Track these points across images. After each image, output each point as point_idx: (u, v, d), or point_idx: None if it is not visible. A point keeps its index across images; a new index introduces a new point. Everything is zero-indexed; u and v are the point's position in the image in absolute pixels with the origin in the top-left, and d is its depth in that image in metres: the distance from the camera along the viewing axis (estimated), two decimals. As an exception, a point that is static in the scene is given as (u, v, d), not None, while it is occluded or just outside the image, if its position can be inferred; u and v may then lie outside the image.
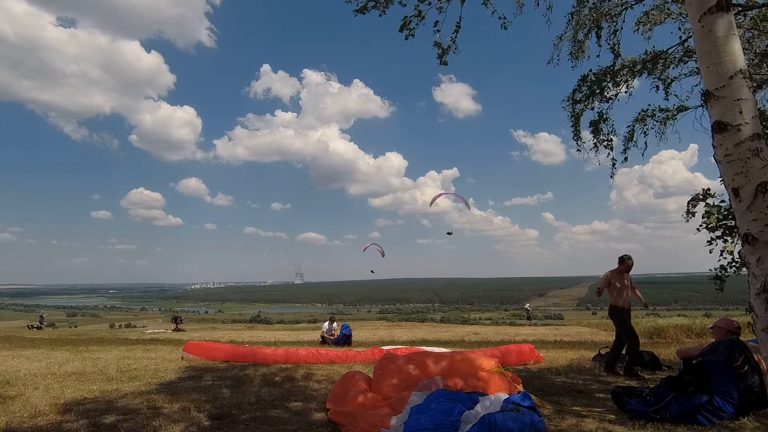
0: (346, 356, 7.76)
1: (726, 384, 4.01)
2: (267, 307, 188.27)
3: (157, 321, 79.82)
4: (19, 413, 4.37)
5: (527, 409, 3.76)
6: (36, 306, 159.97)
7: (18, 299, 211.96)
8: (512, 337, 15.30)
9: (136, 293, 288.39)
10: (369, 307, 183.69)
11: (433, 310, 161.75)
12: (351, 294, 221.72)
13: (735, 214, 2.98)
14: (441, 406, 3.87)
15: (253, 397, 5.07)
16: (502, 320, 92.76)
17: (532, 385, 5.40)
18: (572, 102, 8.25)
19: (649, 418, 3.97)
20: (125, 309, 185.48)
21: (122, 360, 7.95)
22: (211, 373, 6.57)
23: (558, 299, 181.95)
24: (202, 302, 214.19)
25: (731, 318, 4.99)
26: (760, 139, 2.86)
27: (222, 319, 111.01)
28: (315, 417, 4.32)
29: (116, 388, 5.48)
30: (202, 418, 4.23)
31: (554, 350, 9.42)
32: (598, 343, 11.31)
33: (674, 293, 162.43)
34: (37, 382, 5.85)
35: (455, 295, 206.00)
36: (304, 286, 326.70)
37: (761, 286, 2.73)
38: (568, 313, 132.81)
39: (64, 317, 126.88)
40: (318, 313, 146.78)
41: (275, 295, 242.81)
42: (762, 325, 2.77)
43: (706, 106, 3.12)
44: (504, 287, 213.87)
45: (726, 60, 2.97)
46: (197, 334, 20.86)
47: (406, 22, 4.91)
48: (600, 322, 26.95)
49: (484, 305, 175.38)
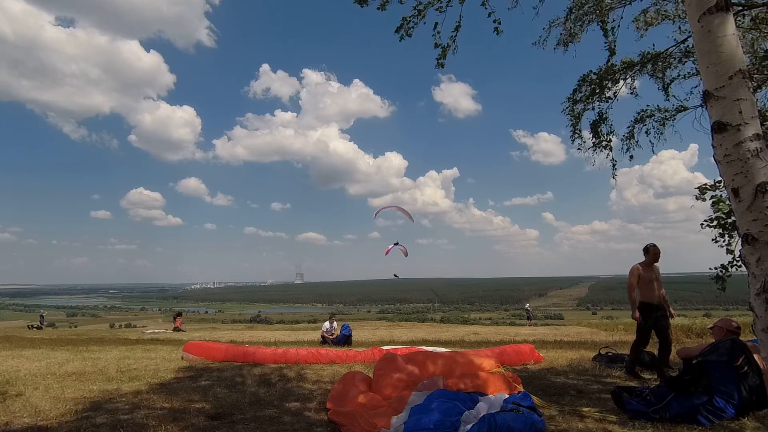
0: (346, 356, 7.76)
1: (726, 384, 4.01)
2: (267, 307, 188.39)
3: (157, 321, 79.83)
4: (19, 413, 4.37)
5: (527, 409, 3.76)
6: (36, 306, 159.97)
7: (18, 299, 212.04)
8: (512, 337, 15.29)
9: (136, 293, 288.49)
10: (369, 307, 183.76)
11: (433, 310, 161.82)
12: (351, 294, 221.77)
13: (735, 214, 2.98)
14: (441, 406, 3.87)
15: (253, 397, 5.07)
16: (502, 320, 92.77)
17: (532, 385, 5.40)
18: (572, 102, 8.26)
19: (649, 418, 3.97)
20: (125, 309, 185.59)
21: (122, 360, 7.95)
22: (211, 373, 6.57)
23: (558, 299, 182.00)
24: (202, 302, 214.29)
25: (731, 318, 4.99)
26: (760, 139, 2.86)
27: (222, 319, 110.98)
28: (315, 417, 4.32)
29: (116, 388, 5.48)
30: (202, 418, 4.23)
31: (554, 350, 9.42)
32: (598, 343, 11.30)
33: (674, 293, 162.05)
34: (37, 382, 5.85)
35: (455, 295, 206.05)
36: (304, 286, 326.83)
37: (761, 286, 2.73)
38: (568, 313, 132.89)
39: (64, 317, 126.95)
40: (318, 313, 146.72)
41: (275, 295, 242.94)
42: (762, 325, 2.77)
43: (706, 106, 3.12)
44: (504, 287, 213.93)
45: (726, 60, 2.97)
46: (197, 334, 20.84)
47: (404, 23, 4.88)
48: (600, 322, 26.92)
49: (484, 305, 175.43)
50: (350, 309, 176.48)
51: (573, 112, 8.25)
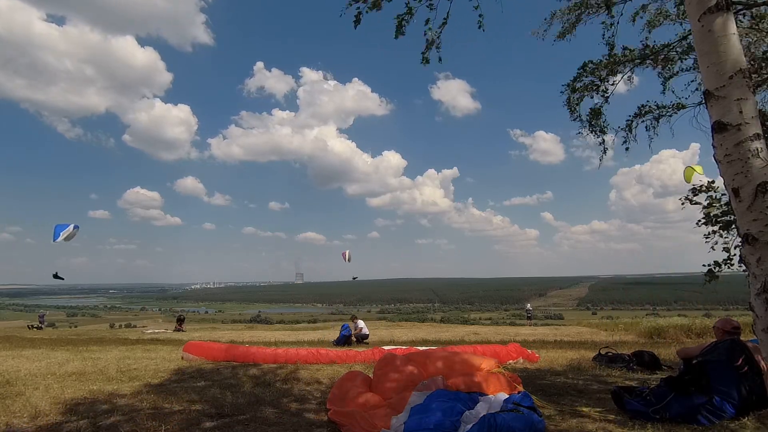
0: (346, 356, 7.76)
1: (726, 384, 4.01)
2: (267, 307, 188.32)
3: (157, 321, 79.86)
4: (20, 413, 4.37)
5: (527, 409, 3.76)
6: (36, 306, 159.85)
7: (18, 299, 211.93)
8: (512, 337, 15.28)
9: (136, 293, 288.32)
10: (369, 307, 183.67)
11: (433, 310, 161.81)
12: (351, 294, 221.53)
13: (735, 214, 2.98)
14: (441, 406, 3.87)
15: (253, 397, 5.06)
16: (502, 320, 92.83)
17: (532, 385, 5.40)
18: (571, 90, 8.41)
19: (649, 418, 3.97)
20: (125, 309, 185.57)
21: (122, 360, 7.95)
22: (211, 373, 6.57)
23: (558, 299, 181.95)
24: (202, 302, 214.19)
25: (731, 318, 4.98)
26: (760, 139, 2.86)
27: (222, 319, 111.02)
28: (315, 417, 4.32)
29: (116, 388, 5.48)
30: (202, 418, 4.23)
31: (554, 350, 9.42)
32: (598, 343, 11.30)
33: (674, 293, 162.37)
34: (37, 382, 5.85)
35: (455, 295, 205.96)
36: (304, 286, 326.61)
37: (761, 286, 2.73)
38: (568, 313, 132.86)
39: (64, 317, 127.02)
40: (318, 313, 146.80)
41: (275, 295, 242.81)
42: (762, 325, 2.77)
43: (706, 106, 3.12)
44: (504, 287, 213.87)
45: (726, 60, 2.97)
46: (197, 334, 20.84)
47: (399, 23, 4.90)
48: (600, 322, 26.90)
49: (484, 305, 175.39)
50: (350, 309, 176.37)
51: (570, 100, 8.44)
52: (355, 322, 14.94)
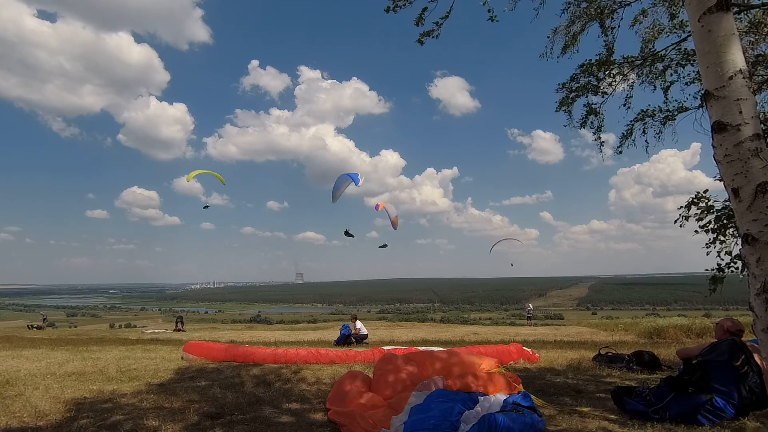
0: (346, 356, 7.76)
1: (726, 384, 4.01)
2: (267, 307, 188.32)
3: (157, 321, 79.90)
4: (19, 413, 4.37)
5: (527, 409, 3.76)
6: (36, 306, 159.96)
7: (18, 299, 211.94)
8: (512, 337, 15.28)
9: (135, 293, 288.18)
10: (369, 307, 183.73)
11: (433, 310, 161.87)
12: (351, 294, 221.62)
13: (735, 214, 2.99)
14: (441, 406, 3.88)
15: (253, 397, 5.06)
16: (502, 320, 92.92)
17: (532, 385, 5.40)
18: (567, 90, 8.46)
19: (649, 418, 3.97)
20: (125, 309, 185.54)
21: (122, 360, 7.95)
22: (211, 373, 6.57)
23: (558, 299, 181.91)
24: (202, 302, 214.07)
25: (732, 318, 4.98)
26: (760, 139, 2.87)
27: (222, 319, 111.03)
28: (315, 417, 4.32)
29: (116, 388, 5.48)
30: (201, 418, 4.23)
31: (554, 350, 9.42)
32: (598, 343, 11.30)
33: (674, 293, 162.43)
34: (37, 382, 5.85)
35: (455, 295, 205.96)
36: (304, 286, 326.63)
37: (761, 286, 2.74)
38: (568, 313, 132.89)
39: (64, 317, 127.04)
40: (318, 313, 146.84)
41: (275, 295, 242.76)
42: (762, 325, 2.78)
43: (706, 106, 3.12)
44: (504, 287, 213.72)
45: (726, 60, 2.97)
46: (197, 334, 20.86)
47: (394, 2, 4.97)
48: (600, 322, 26.92)
49: (484, 305, 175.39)
50: (350, 309, 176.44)
51: (566, 98, 8.51)
52: (355, 322, 14.96)
